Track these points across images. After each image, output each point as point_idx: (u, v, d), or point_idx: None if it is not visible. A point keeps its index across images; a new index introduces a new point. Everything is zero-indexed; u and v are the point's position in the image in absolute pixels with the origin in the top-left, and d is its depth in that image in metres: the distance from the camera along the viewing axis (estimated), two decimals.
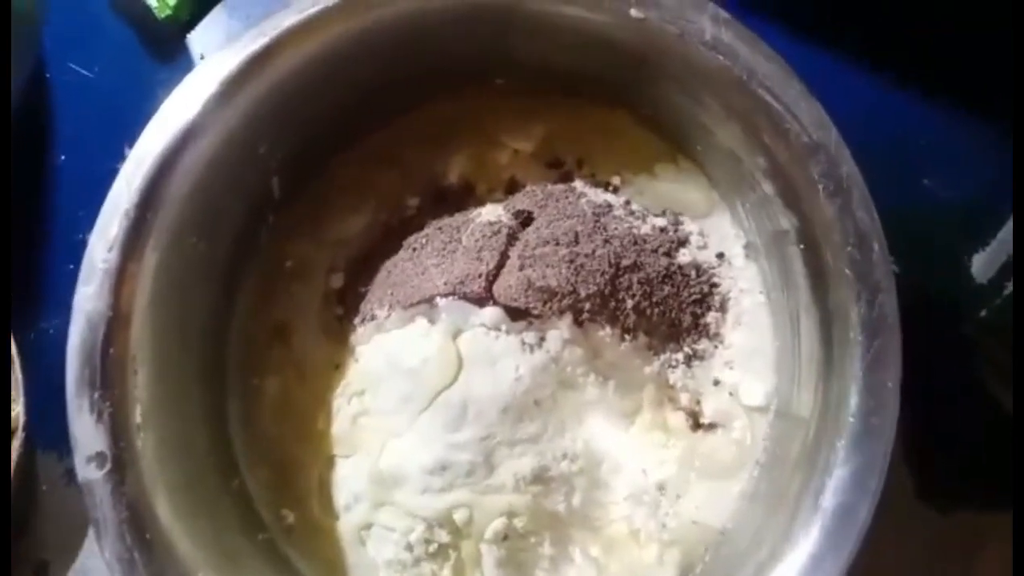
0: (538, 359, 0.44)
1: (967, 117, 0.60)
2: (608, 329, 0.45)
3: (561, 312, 0.45)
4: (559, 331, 0.45)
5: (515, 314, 0.45)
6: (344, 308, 0.50)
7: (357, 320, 0.49)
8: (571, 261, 0.45)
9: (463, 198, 0.52)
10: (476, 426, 0.44)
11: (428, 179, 0.52)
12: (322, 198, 0.52)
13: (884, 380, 0.37)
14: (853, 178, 0.39)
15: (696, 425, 0.47)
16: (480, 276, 0.45)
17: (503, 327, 0.45)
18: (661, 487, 0.46)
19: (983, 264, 0.58)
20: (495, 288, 0.45)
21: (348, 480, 0.47)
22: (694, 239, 0.50)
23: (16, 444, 0.56)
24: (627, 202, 0.51)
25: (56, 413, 0.57)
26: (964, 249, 0.58)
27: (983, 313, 0.57)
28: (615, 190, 0.51)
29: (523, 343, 0.44)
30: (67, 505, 0.60)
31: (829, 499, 0.37)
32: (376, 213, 0.52)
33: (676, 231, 0.50)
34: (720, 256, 0.50)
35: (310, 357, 0.49)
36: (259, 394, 0.49)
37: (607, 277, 0.45)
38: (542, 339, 0.45)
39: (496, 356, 0.44)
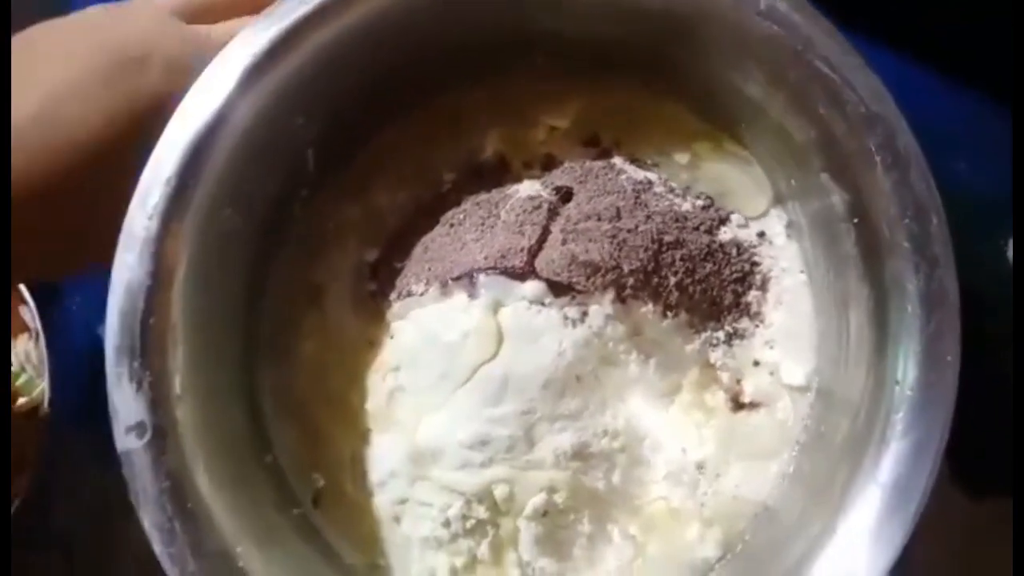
0: (580, 334, 0.44)
1: (1004, 99, 0.59)
2: (650, 306, 0.45)
3: (604, 287, 0.44)
4: (601, 306, 0.44)
5: (557, 289, 0.44)
6: (378, 283, 0.49)
7: (393, 296, 0.48)
8: (614, 236, 0.44)
9: (499, 174, 0.50)
10: (516, 400, 0.43)
11: (463, 155, 0.51)
12: (357, 172, 0.51)
13: (943, 353, 0.37)
14: (911, 150, 0.38)
15: (737, 405, 0.47)
16: (522, 250, 0.44)
17: (546, 301, 0.44)
18: (700, 466, 0.46)
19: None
20: (537, 262, 0.44)
21: (383, 456, 0.46)
22: (735, 217, 0.49)
23: (41, 420, 0.56)
24: (666, 180, 0.49)
25: (79, 390, 0.57)
26: (1001, 235, 0.57)
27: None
28: (655, 168, 0.50)
29: (565, 318, 0.44)
30: (90, 482, 0.60)
31: (886, 473, 0.37)
32: (411, 188, 0.51)
33: (717, 209, 0.49)
34: (761, 235, 0.50)
35: (343, 329, 0.49)
36: (292, 360, 0.49)
37: (650, 253, 0.45)
38: (584, 314, 0.44)
39: (538, 331, 0.43)
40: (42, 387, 0.60)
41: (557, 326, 0.43)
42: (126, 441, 0.40)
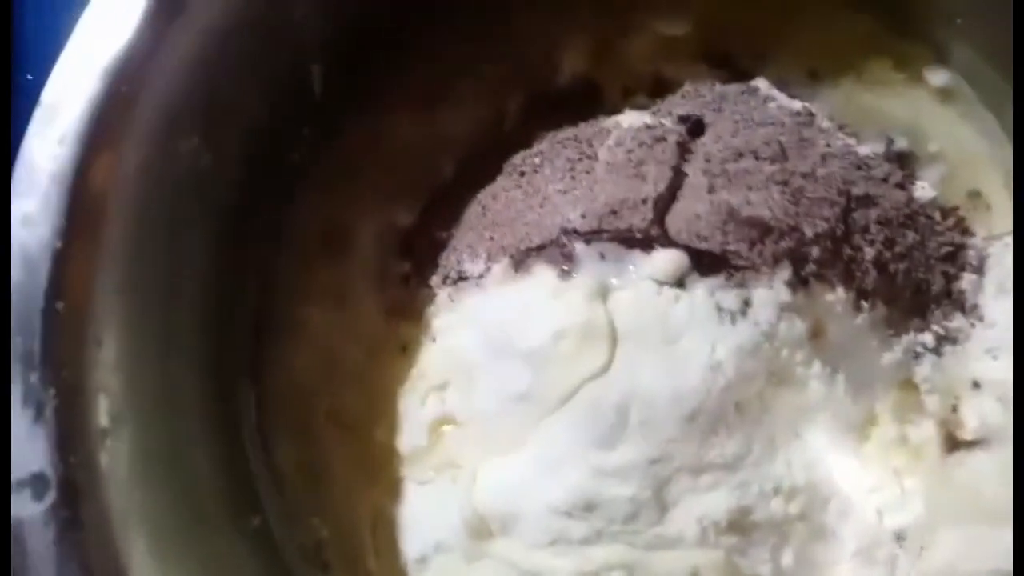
0: (744, 335, 0.33)
1: None
2: (840, 291, 0.35)
3: (776, 260, 0.34)
4: (772, 291, 0.34)
5: (705, 262, 0.34)
6: (413, 262, 0.41)
7: (436, 279, 0.39)
8: (784, 183, 0.35)
9: (585, 104, 0.42)
10: (643, 442, 0.33)
11: (533, 77, 0.43)
12: (381, 100, 0.42)
13: None
14: None
15: (952, 443, 0.37)
16: (644, 202, 0.34)
17: (686, 282, 0.34)
18: (900, 536, 0.36)
19: None
20: (669, 221, 0.34)
21: (425, 519, 0.37)
22: (934, 169, 0.41)
23: None
24: (831, 113, 0.41)
25: None
26: None
27: None
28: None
29: (719, 309, 0.34)
30: None
31: None
32: (459, 125, 0.42)
33: (906, 155, 0.41)
34: (975, 195, 0.40)
35: (363, 322, 0.40)
36: (290, 341, 0.40)
37: (838, 211, 0.35)
38: (747, 303, 0.34)
39: (676, 329, 0.33)
40: None
41: (708, 322, 0.33)
42: (15, 504, 0.28)
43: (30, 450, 0.28)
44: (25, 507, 0.28)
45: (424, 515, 0.37)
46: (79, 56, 0.31)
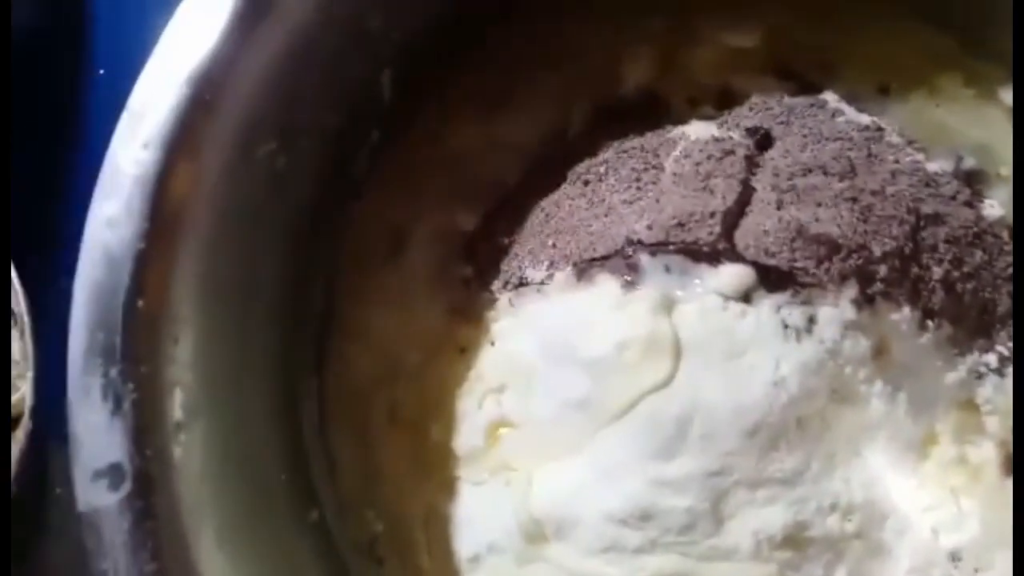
0: (808, 352, 0.33)
1: None
2: (906, 310, 0.34)
3: (842, 278, 0.33)
4: (838, 308, 0.33)
5: (772, 278, 0.33)
6: (475, 266, 0.40)
7: (497, 284, 0.39)
8: (853, 200, 0.34)
9: (650, 115, 0.41)
10: (702, 454, 0.33)
11: (597, 86, 0.42)
12: (447, 106, 0.42)
13: None
14: None
15: (1011, 465, 0.36)
16: (712, 215, 0.34)
17: (752, 297, 0.33)
18: (955, 556, 0.36)
19: None
20: (737, 236, 0.34)
21: (479, 519, 0.37)
22: (1003, 187, 0.40)
23: (20, 435, 0.45)
24: (901, 128, 0.40)
25: None
26: None
27: None
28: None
29: (785, 326, 0.33)
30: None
31: None
32: (524, 132, 0.42)
33: (975, 173, 0.40)
34: None
35: (422, 323, 0.40)
36: (352, 341, 0.40)
37: (907, 229, 0.35)
38: (812, 320, 0.33)
39: (741, 344, 0.33)
40: (23, 392, 0.49)
41: (773, 338, 0.33)
42: (92, 493, 0.28)
43: (108, 442, 0.29)
44: (102, 496, 0.28)
45: (478, 516, 0.37)
46: (166, 62, 0.31)
